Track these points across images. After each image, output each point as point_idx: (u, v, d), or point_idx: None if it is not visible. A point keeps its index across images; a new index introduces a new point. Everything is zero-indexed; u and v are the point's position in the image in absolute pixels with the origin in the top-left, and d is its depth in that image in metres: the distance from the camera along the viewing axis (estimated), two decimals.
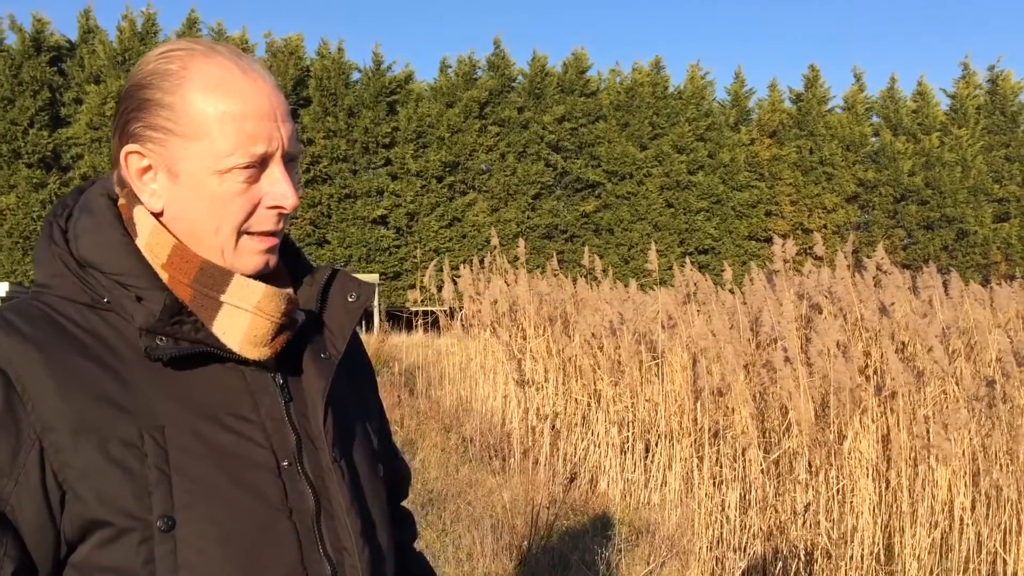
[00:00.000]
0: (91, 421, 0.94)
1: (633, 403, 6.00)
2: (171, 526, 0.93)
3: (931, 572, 4.66)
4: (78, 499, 0.93)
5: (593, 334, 6.35)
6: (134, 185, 1.03)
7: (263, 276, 1.06)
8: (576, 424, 6.37)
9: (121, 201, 1.06)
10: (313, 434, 1.04)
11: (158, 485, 0.94)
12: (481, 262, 8.90)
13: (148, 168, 1.03)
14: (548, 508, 4.67)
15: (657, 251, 21.92)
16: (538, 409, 6.41)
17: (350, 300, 1.13)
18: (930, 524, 4.75)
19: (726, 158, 20.97)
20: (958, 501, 4.74)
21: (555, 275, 8.00)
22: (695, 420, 5.60)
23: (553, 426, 6.15)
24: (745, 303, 6.22)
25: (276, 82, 1.06)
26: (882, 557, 4.77)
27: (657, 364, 6.01)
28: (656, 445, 5.79)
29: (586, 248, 8.77)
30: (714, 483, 5.32)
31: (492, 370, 8.02)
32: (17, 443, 0.92)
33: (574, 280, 8.18)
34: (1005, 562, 4.53)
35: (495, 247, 8.20)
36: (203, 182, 1.00)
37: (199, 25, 19.79)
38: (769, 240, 21.12)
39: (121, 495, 0.92)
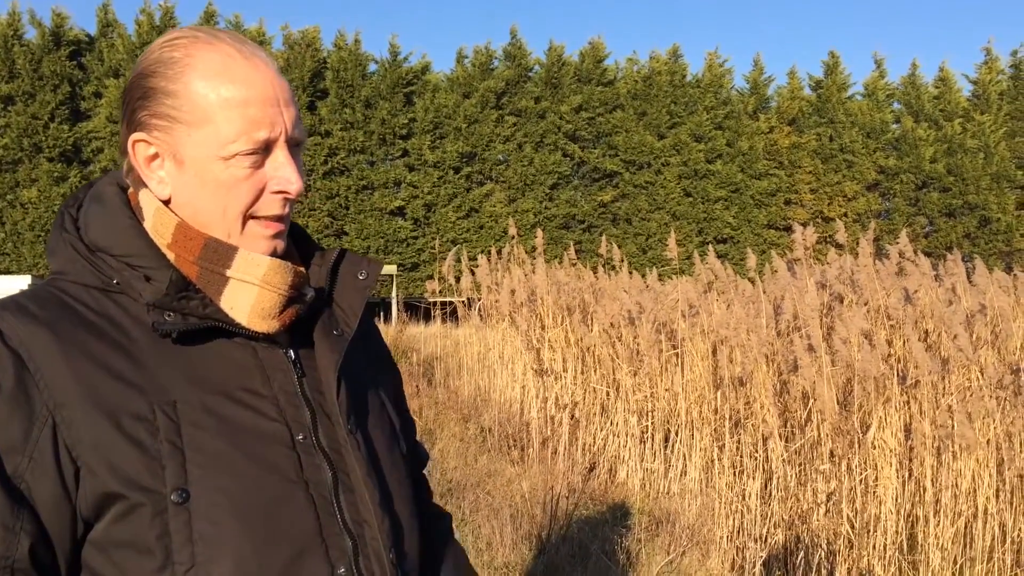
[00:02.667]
0: (103, 397, 0.95)
1: (652, 392, 5.97)
2: (185, 499, 0.93)
3: (955, 562, 4.61)
4: (92, 473, 0.93)
5: (612, 323, 6.32)
6: (142, 173, 1.05)
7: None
8: (595, 414, 6.34)
9: (131, 190, 1.08)
10: (328, 408, 1.05)
11: (171, 458, 0.94)
12: (499, 252, 8.88)
13: (155, 156, 1.04)
14: (567, 498, 4.66)
15: (677, 241, 21.79)
16: (557, 398, 6.39)
17: (360, 278, 1.13)
18: (954, 514, 4.70)
19: (745, 146, 20.83)
20: (982, 490, 4.69)
21: (573, 265, 7.97)
22: (715, 410, 5.57)
23: (572, 415, 6.13)
24: (765, 292, 6.17)
25: (279, 67, 1.06)
26: (905, 547, 4.73)
27: (677, 354, 5.98)
28: (676, 435, 5.76)
29: (604, 237, 8.72)
30: (734, 473, 5.29)
31: (510, 360, 8.01)
32: (30, 421, 0.93)
33: (593, 270, 8.15)
34: None
35: (513, 237, 8.18)
36: (208, 168, 1.01)
37: (217, 18, 19.86)
38: (788, 229, 20.96)
39: (134, 468, 0.93)
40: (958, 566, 4.60)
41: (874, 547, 4.67)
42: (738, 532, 4.88)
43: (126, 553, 0.94)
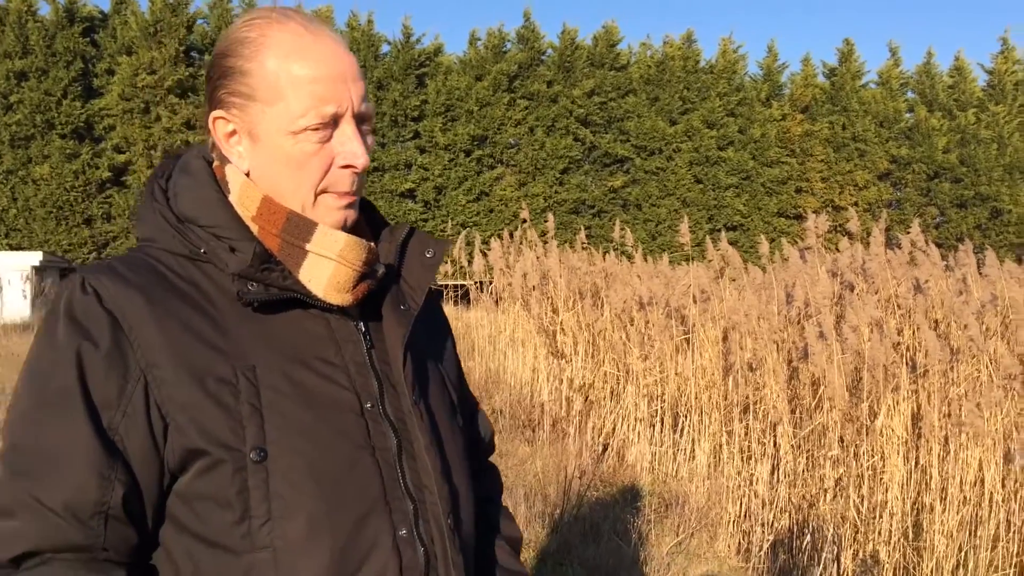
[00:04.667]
0: (190, 359, 1.01)
1: (663, 377, 6.02)
2: (263, 457, 0.99)
3: (960, 549, 4.66)
4: (179, 430, 0.99)
5: (624, 308, 6.36)
6: (223, 148, 1.11)
7: (345, 229, 1.11)
8: (605, 397, 6.40)
9: (216, 163, 1.14)
10: (394, 379, 1.11)
11: (251, 419, 1.00)
12: (511, 235, 8.91)
13: (233, 132, 1.10)
14: (580, 478, 4.72)
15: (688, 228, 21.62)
16: (571, 380, 6.45)
17: (427, 256, 1.19)
18: (959, 502, 4.74)
19: (757, 133, 20.76)
20: (988, 479, 4.73)
21: (584, 249, 8.00)
22: (725, 395, 5.62)
23: (587, 397, 6.19)
24: (776, 280, 6.20)
25: (347, 44, 1.11)
26: (910, 534, 4.78)
27: (687, 339, 6.03)
28: (686, 419, 5.82)
29: (616, 222, 8.75)
30: (743, 458, 5.34)
31: (522, 342, 8.07)
32: (124, 378, 0.99)
33: (603, 254, 8.19)
34: None
35: (525, 220, 8.21)
36: (279, 143, 1.06)
37: None
38: (799, 217, 20.92)
39: (217, 427, 0.99)
40: (963, 553, 4.64)
41: (879, 533, 4.72)
42: (745, 516, 4.93)
43: (208, 505, 1.00)
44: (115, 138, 18.68)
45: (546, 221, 8.38)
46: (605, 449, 5.84)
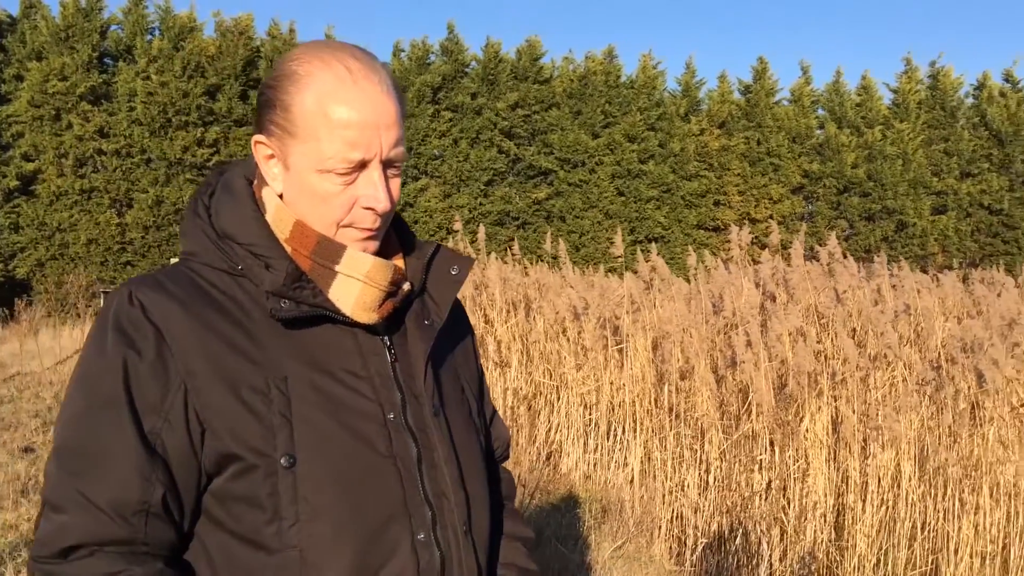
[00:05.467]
0: (226, 369, 1.06)
1: (598, 387, 6.14)
2: (292, 463, 1.05)
3: (879, 548, 4.87)
4: (215, 436, 1.06)
5: (556, 318, 6.46)
6: (262, 168, 1.17)
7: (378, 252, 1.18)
8: (542, 407, 6.49)
9: (255, 181, 1.20)
10: (416, 391, 1.17)
11: (281, 428, 1.06)
12: None
13: (271, 156, 1.16)
14: (524, 486, 4.78)
15: (608, 240, 21.97)
16: (516, 390, 6.52)
17: (453, 273, 1.25)
18: (878, 502, 4.96)
19: (676, 148, 21.23)
20: (904, 481, 4.97)
21: (516, 261, 8.09)
22: (657, 402, 5.76)
23: (530, 407, 6.27)
24: (700, 292, 6.39)
25: (391, 89, 1.14)
26: (833, 534, 4.98)
27: (620, 349, 6.16)
28: (620, 427, 5.94)
29: (548, 234, 8.86)
30: (675, 463, 5.49)
31: None
32: (166, 387, 1.05)
33: (525, 266, 8.27)
34: (949, 536, 4.76)
35: (457, 232, 8.26)
36: (306, 178, 1.12)
37: (145, 2, 19.35)
38: (717, 229, 21.47)
39: (251, 434, 1.05)
40: (883, 551, 4.86)
41: (805, 533, 4.91)
42: (679, 519, 5.07)
43: (241, 506, 1.06)
44: (24, 146, 17.99)
45: (473, 232, 8.43)
46: (549, 457, 5.92)
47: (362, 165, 1.12)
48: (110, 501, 1.02)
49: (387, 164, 1.14)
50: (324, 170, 1.10)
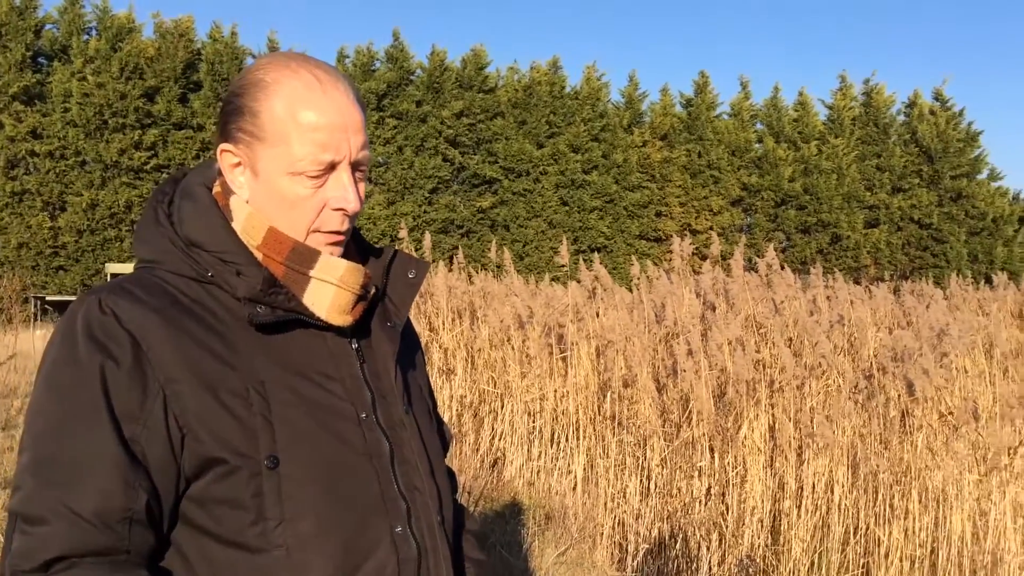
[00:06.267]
0: (204, 374, 1.07)
1: (542, 394, 6.19)
2: (275, 464, 1.07)
3: (814, 551, 4.99)
4: (197, 440, 1.06)
5: (501, 326, 6.50)
6: (227, 177, 1.18)
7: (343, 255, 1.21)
8: (487, 414, 6.51)
9: (216, 189, 1.20)
10: (384, 391, 1.20)
11: (263, 430, 1.08)
12: None
13: (238, 164, 1.17)
14: (469, 493, 4.80)
15: (552, 248, 22.00)
16: (462, 398, 6.54)
17: (410, 276, 1.29)
18: (812, 508, 5.09)
19: (619, 159, 21.50)
20: (838, 487, 5.11)
21: (461, 269, 8.11)
22: (600, 410, 5.83)
23: (475, 414, 6.29)
24: (642, 301, 6.49)
25: (356, 99, 1.19)
26: (769, 538, 5.09)
27: (564, 357, 6.22)
28: (563, 434, 5.99)
29: (493, 243, 8.91)
30: (617, 470, 5.56)
31: None
32: (145, 393, 1.05)
33: (470, 274, 8.30)
34: (880, 540, 4.91)
35: (403, 240, 8.26)
36: (277, 183, 1.15)
37: (82, 1, 18.92)
38: (659, 240, 21.78)
39: (234, 437, 1.07)
40: (817, 554, 4.98)
41: (742, 538, 5.01)
42: (621, 525, 5.14)
43: (223, 508, 1.07)
44: None
45: (418, 240, 8.43)
46: (493, 465, 5.94)
47: (331, 167, 1.15)
48: (95, 510, 1.01)
49: (354, 167, 1.18)
50: (295, 172, 1.13)
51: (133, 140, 18.19)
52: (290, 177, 1.14)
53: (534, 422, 6.23)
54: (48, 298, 17.00)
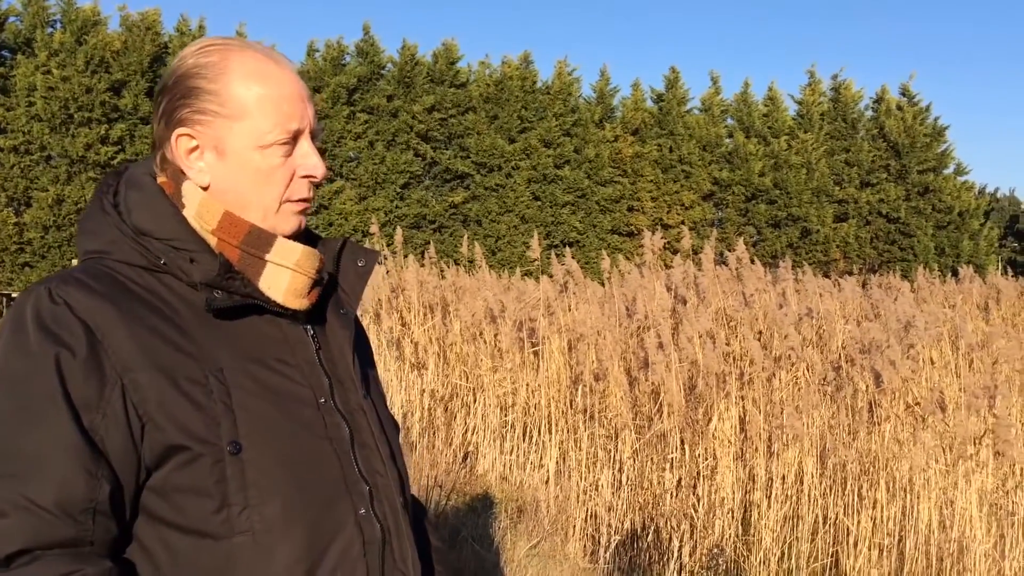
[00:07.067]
0: (162, 362, 1.07)
1: (514, 388, 6.20)
2: (238, 450, 1.07)
3: (784, 541, 5.05)
4: (158, 428, 1.05)
5: (473, 321, 6.50)
6: (183, 164, 1.17)
7: (294, 238, 1.21)
8: (459, 408, 6.52)
9: (162, 179, 1.19)
10: (341, 376, 1.21)
11: (224, 416, 1.07)
12: None
13: (195, 148, 1.16)
14: (441, 487, 4.80)
15: (524, 244, 21.99)
16: (433, 392, 6.53)
17: (360, 265, 1.29)
18: (783, 498, 5.15)
19: (591, 154, 21.53)
20: (807, 477, 5.17)
21: (433, 264, 8.10)
22: (572, 403, 5.85)
23: (446, 408, 6.28)
24: (614, 295, 6.52)
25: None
26: (740, 529, 5.14)
27: (536, 352, 6.23)
28: (536, 428, 6.01)
29: (465, 237, 8.89)
30: (589, 463, 5.58)
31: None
32: (102, 383, 1.04)
33: (442, 269, 8.30)
34: (848, 530, 4.97)
35: (374, 235, 8.22)
36: (248, 157, 1.15)
37: None
38: (631, 234, 21.85)
39: (195, 424, 1.06)
40: (787, 544, 5.04)
41: (713, 529, 5.06)
42: (593, 518, 5.16)
43: (186, 497, 1.06)
44: None
45: (390, 236, 8.41)
46: (465, 459, 5.95)
47: (295, 137, 1.17)
48: (56, 501, 1.00)
49: (313, 136, 1.20)
50: (265, 144, 1.14)
51: (100, 134, 17.94)
52: (261, 150, 1.15)
53: (506, 416, 6.24)
54: (14, 295, 16.74)
